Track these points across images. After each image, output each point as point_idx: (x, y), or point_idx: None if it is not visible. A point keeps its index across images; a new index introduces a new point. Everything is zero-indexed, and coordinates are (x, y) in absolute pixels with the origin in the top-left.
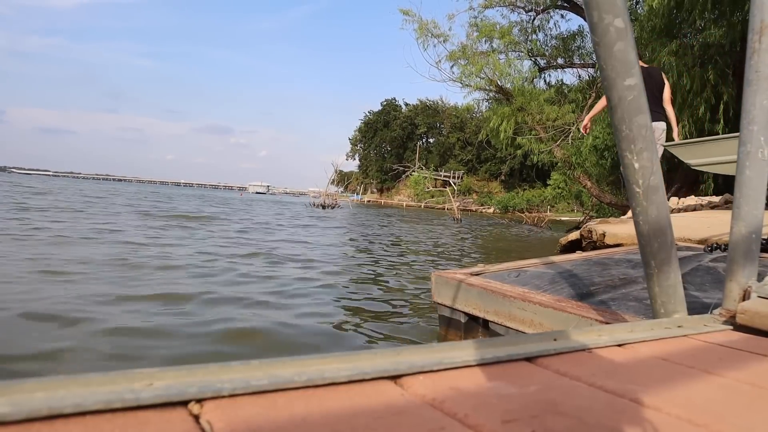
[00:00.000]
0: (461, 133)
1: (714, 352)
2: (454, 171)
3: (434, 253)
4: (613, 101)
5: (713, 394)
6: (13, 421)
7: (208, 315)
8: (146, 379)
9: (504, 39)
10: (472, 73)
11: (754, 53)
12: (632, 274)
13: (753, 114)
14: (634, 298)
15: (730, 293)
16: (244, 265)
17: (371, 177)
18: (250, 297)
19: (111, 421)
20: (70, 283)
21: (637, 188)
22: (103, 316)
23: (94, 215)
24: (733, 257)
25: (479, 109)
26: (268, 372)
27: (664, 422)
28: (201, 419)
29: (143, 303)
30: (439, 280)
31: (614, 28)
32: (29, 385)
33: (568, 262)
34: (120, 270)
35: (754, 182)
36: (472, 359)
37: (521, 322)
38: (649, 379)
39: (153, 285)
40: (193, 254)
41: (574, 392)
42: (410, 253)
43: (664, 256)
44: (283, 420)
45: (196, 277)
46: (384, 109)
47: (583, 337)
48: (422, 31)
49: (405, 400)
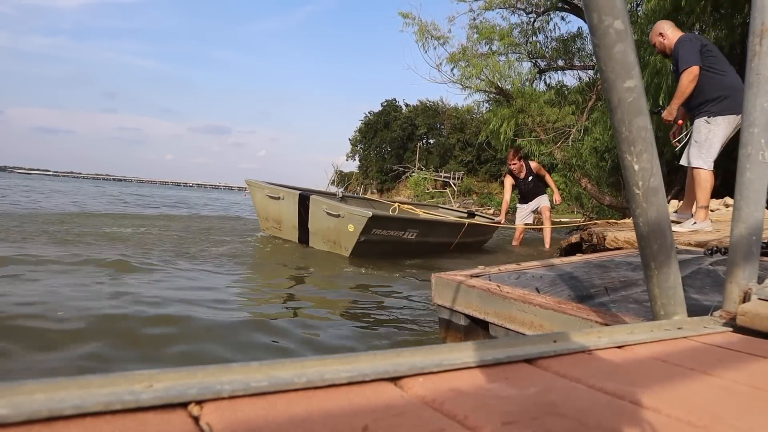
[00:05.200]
0: (461, 134)
1: (714, 353)
2: (454, 172)
3: (434, 253)
4: (613, 103)
5: (713, 396)
6: (12, 423)
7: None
8: (146, 381)
9: (504, 41)
10: (472, 74)
11: (755, 56)
12: (632, 277)
13: (753, 116)
14: (634, 300)
15: (730, 295)
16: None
17: (371, 177)
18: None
19: (111, 423)
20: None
21: (636, 190)
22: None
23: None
24: (733, 259)
25: (479, 110)
26: (268, 373)
27: (664, 424)
28: (201, 421)
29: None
30: (438, 281)
31: (614, 30)
32: (29, 387)
33: (568, 264)
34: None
35: (754, 184)
36: (472, 361)
37: (521, 324)
38: (648, 381)
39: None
40: None
41: (574, 394)
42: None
43: (663, 257)
44: (283, 421)
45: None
46: (384, 110)
47: (582, 339)
48: (422, 33)
49: (405, 401)
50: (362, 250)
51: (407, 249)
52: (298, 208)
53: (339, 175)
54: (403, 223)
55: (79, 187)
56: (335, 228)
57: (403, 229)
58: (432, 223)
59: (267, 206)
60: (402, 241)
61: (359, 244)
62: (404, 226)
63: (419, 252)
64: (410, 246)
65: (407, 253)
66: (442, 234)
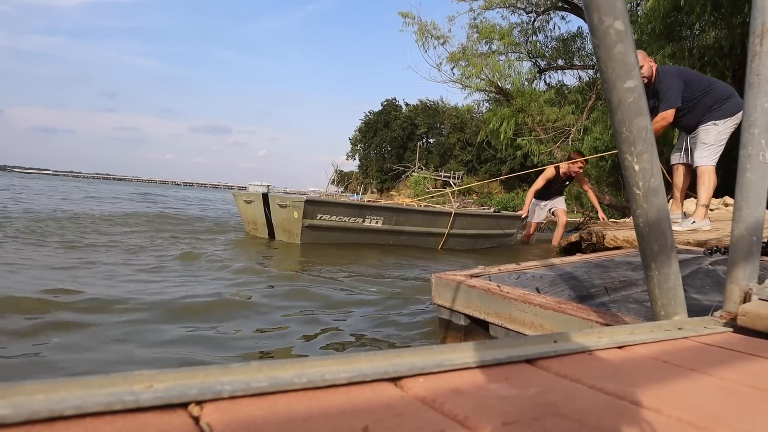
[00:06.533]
0: (461, 134)
1: (714, 354)
2: (454, 171)
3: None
4: (613, 103)
5: (713, 396)
6: (13, 423)
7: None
8: (146, 381)
9: (504, 40)
10: (472, 74)
11: (755, 56)
12: (632, 277)
13: (754, 117)
14: (635, 300)
15: (731, 295)
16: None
17: (371, 177)
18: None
19: (111, 423)
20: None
21: (637, 190)
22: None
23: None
24: (733, 259)
25: (479, 109)
26: (268, 374)
27: (664, 424)
28: (201, 421)
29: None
30: (438, 281)
31: (614, 31)
32: (29, 387)
33: (568, 264)
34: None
35: (755, 185)
36: (472, 361)
37: (522, 324)
38: (649, 381)
39: None
40: None
41: (575, 394)
42: (412, 253)
43: (664, 258)
44: (283, 421)
45: None
46: (384, 110)
47: (583, 339)
48: (422, 33)
49: (405, 401)
50: (311, 236)
51: (377, 238)
52: (263, 207)
53: (339, 174)
54: (356, 209)
55: (54, 186)
56: (287, 218)
57: (361, 215)
58: (400, 210)
59: (246, 210)
60: (364, 228)
61: (305, 230)
62: (359, 212)
63: (399, 242)
64: (381, 235)
65: (382, 243)
66: (422, 223)
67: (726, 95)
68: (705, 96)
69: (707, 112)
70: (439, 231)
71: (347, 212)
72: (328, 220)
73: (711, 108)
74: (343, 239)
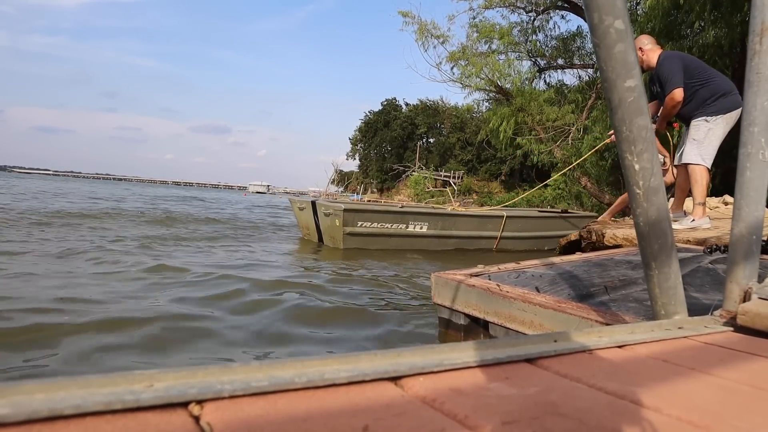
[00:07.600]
0: (461, 134)
1: (714, 353)
2: (454, 171)
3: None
4: (614, 103)
5: (714, 396)
6: (13, 423)
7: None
8: (146, 381)
9: (504, 39)
10: (471, 73)
11: (755, 55)
12: (632, 276)
13: (753, 115)
14: (635, 299)
15: (731, 294)
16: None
17: (371, 177)
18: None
19: (111, 423)
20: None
21: (637, 189)
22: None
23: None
24: (733, 258)
25: (479, 109)
26: (268, 373)
27: (665, 424)
28: (201, 420)
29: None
30: (438, 281)
31: (614, 30)
32: (29, 387)
33: (567, 263)
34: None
35: (754, 183)
36: (472, 360)
37: (521, 323)
38: (649, 381)
39: None
40: None
41: (575, 393)
42: (412, 252)
43: (664, 257)
44: (283, 421)
45: None
46: (384, 109)
47: (583, 339)
48: (422, 33)
49: (405, 401)
50: (353, 242)
51: (423, 243)
52: (312, 213)
53: (339, 174)
54: (398, 216)
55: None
56: (331, 225)
57: (404, 222)
58: (446, 215)
59: (300, 216)
60: (408, 234)
61: (347, 237)
62: (402, 218)
63: (447, 247)
64: (427, 240)
65: (429, 249)
66: (472, 227)
67: (724, 90)
68: (703, 87)
69: (702, 105)
70: (490, 234)
71: (389, 219)
72: (369, 227)
73: (706, 101)
74: (387, 245)
